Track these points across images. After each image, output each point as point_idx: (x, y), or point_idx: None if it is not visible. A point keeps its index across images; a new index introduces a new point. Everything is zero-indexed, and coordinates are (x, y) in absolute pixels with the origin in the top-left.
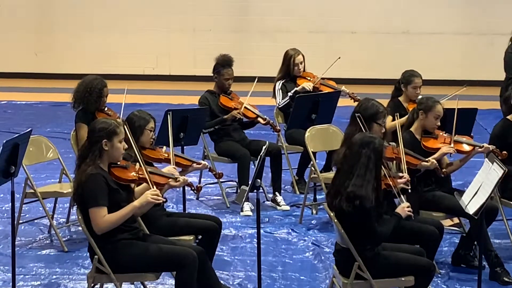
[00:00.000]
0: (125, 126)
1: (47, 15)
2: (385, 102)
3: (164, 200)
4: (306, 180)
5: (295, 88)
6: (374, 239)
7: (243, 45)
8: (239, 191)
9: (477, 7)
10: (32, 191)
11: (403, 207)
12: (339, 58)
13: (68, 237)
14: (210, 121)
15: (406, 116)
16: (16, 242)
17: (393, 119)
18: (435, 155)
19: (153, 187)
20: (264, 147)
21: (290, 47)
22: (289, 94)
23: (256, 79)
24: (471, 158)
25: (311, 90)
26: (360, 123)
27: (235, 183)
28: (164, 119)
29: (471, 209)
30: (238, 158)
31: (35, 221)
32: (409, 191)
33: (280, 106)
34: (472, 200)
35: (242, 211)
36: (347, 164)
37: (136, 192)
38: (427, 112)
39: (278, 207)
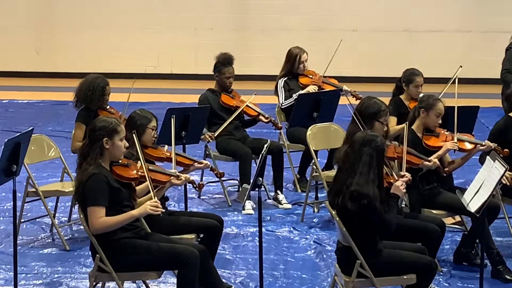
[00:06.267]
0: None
1: (48, 14)
2: (386, 100)
3: (163, 210)
4: (308, 179)
5: (300, 91)
6: (387, 229)
7: (244, 44)
8: (240, 189)
9: (478, 4)
10: (33, 190)
11: (397, 186)
12: (341, 40)
13: (70, 235)
14: (212, 120)
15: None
16: (18, 241)
17: (398, 121)
18: (440, 152)
19: (152, 191)
20: (265, 146)
21: (291, 45)
22: (294, 96)
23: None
24: (472, 156)
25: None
26: (358, 122)
27: (236, 182)
28: (166, 119)
29: (473, 207)
30: (240, 157)
31: (37, 220)
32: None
33: (283, 107)
34: (474, 198)
35: (243, 209)
36: (349, 163)
37: (138, 203)
38: (428, 110)
39: (280, 206)
